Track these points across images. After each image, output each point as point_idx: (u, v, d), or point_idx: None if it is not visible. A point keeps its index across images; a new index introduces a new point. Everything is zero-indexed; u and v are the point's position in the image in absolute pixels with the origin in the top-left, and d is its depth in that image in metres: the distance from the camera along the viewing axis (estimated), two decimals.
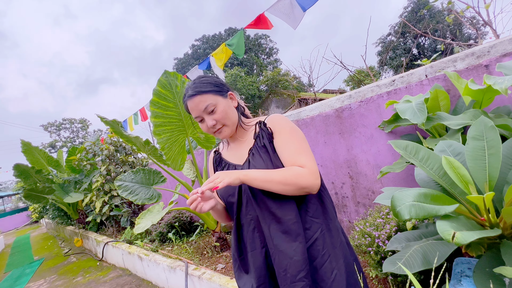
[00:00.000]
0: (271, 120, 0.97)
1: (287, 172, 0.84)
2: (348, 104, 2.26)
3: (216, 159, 1.11)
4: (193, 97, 0.93)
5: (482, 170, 0.92)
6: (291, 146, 0.91)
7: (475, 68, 1.67)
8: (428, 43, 22.80)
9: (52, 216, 7.86)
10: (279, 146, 0.92)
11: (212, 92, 0.94)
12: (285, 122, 0.96)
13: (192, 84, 0.96)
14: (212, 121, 0.94)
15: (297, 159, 0.88)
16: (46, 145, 32.01)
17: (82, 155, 5.70)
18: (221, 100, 0.95)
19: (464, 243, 0.67)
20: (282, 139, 0.93)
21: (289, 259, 0.84)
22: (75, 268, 4.65)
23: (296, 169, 0.85)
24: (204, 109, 0.92)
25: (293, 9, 2.56)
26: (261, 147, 0.95)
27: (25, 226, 15.54)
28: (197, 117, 0.95)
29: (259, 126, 0.98)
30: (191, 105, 0.94)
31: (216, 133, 0.97)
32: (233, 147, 1.07)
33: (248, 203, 0.94)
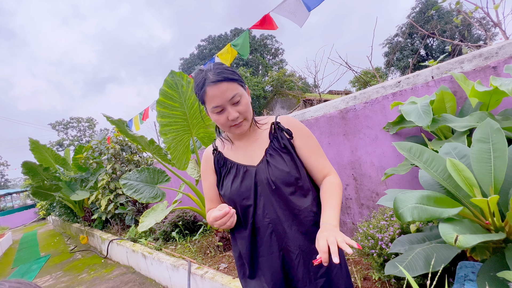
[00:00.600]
0: (288, 122, 0.96)
1: (339, 191, 0.87)
2: (353, 105, 2.25)
3: (218, 159, 1.01)
4: (219, 83, 0.82)
5: (487, 173, 0.91)
6: (316, 151, 0.93)
7: (482, 70, 1.65)
8: (436, 44, 22.54)
9: (59, 213, 7.99)
10: (303, 150, 0.93)
11: (238, 81, 0.87)
12: (303, 126, 0.97)
13: (214, 69, 0.85)
14: (235, 113, 0.85)
15: (325, 165, 0.93)
16: (53, 143, 32.54)
17: (89, 153, 5.78)
18: (244, 92, 0.89)
19: (467, 246, 0.66)
20: (306, 143, 0.93)
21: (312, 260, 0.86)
22: (81, 265, 4.71)
23: (337, 183, 0.89)
24: (230, 98, 0.83)
25: (299, 8, 2.56)
26: (281, 148, 0.92)
27: (32, 222, 15.81)
28: (218, 106, 0.84)
29: (276, 126, 0.95)
30: (214, 92, 0.82)
31: (235, 127, 0.89)
32: (241, 146, 0.99)
33: (266, 205, 0.90)
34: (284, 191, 0.88)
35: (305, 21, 2.59)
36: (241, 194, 0.92)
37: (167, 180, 3.28)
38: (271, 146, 0.93)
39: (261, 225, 0.90)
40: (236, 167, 0.96)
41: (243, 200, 0.92)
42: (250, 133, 0.98)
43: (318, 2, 2.45)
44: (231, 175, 0.96)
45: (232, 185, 0.94)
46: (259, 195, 0.90)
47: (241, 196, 0.92)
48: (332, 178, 0.92)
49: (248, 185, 0.91)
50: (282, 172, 0.88)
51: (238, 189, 0.92)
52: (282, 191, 0.88)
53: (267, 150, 0.93)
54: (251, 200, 0.91)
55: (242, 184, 0.92)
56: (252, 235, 0.93)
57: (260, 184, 0.91)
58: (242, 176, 0.93)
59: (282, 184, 0.88)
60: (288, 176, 0.88)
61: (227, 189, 0.95)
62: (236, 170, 0.95)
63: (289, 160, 0.90)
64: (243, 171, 0.94)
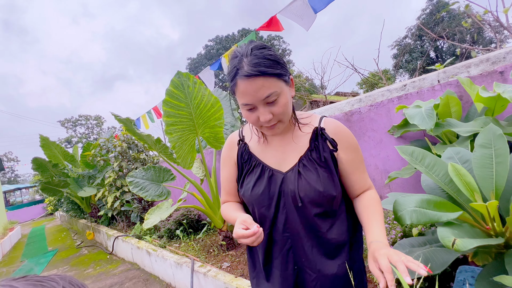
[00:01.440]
0: (337, 131, 0.81)
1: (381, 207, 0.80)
2: (358, 107, 2.25)
3: (243, 152, 0.88)
4: (253, 79, 0.67)
5: (489, 178, 0.91)
6: (359, 167, 0.83)
7: (489, 75, 1.64)
8: (447, 46, 22.21)
9: (66, 209, 8.15)
10: (347, 165, 0.81)
11: (278, 76, 0.69)
12: (351, 135, 0.83)
13: (251, 57, 0.68)
14: (268, 114, 0.71)
15: (366, 181, 0.84)
16: (62, 140, 33.16)
17: (96, 151, 5.89)
18: (285, 88, 0.72)
19: (464, 250, 0.67)
20: (351, 158, 0.81)
21: (331, 284, 0.79)
22: (87, 260, 4.80)
23: (377, 198, 0.82)
24: (265, 98, 0.69)
25: (305, 10, 2.57)
26: (319, 160, 0.78)
27: (40, 217, 16.13)
28: (248, 104, 0.71)
29: (320, 132, 0.81)
30: (245, 87, 0.68)
31: (267, 128, 0.76)
32: (272, 144, 0.85)
33: (288, 220, 0.80)
34: (310, 210, 0.78)
35: (311, 24, 2.60)
36: (261, 202, 0.82)
37: (172, 179, 3.33)
38: (308, 155, 0.80)
39: (279, 238, 0.82)
40: (261, 168, 0.84)
41: (262, 208, 0.82)
42: (287, 131, 0.84)
43: (325, 4, 2.46)
44: (253, 176, 0.84)
45: (253, 188, 0.83)
46: (282, 207, 0.80)
47: (261, 204, 0.82)
48: (373, 193, 0.83)
49: (271, 193, 0.81)
50: (313, 190, 0.76)
51: (259, 196, 0.81)
52: (309, 211, 0.78)
53: (302, 158, 0.80)
54: (272, 210, 0.81)
55: (264, 191, 0.81)
56: (268, 245, 0.85)
57: (285, 195, 0.80)
58: (267, 181, 0.82)
59: (310, 203, 0.77)
60: (320, 196, 0.76)
61: (247, 191, 0.84)
62: (260, 171, 0.84)
63: (325, 177, 0.77)
64: (269, 175, 0.82)
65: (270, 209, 0.81)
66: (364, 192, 0.84)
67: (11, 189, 19.40)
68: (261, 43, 0.72)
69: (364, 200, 0.82)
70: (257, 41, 0.73)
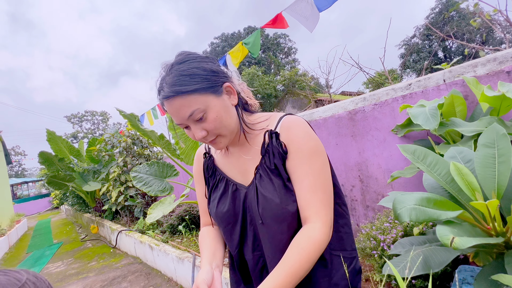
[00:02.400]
0: (287, 132, 0.70)
1: (306, 255, 0.62)
2: (362, 106, 2.24)
3: (208, 165, 0.84)
4: (171, 100, 0.63)
5: (491, 178, 0.90)
6: (306, 178, 0.67)
7: (496, 74, 1.61)
8: (456, 46, 21.89)
9: (72, 203, 8.28)
10: (292, 174, 0.69)
11: (200, 90, 0.63)
12: (305, 138, 0.69)
13: (168, 74, 0.65)
14: (201, 131, 0.67)
15: (310, 202, 0.66)
16: (68, 135, 33.62)
17: (102, 146, 5.95)
18: (213, 100, 0.65)
19: (462, 248, 0.67)
20: (297, 165, 0.68)
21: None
22: (91, 253, 4.88)
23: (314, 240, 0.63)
24: (188, 117, 0.64)
25: (310, 10, 2.56)
26: (271, 169, 0.70)
27: (46, 211, 16.40)
28: (179, 124, 0.68)
29: (269, 136, 0.71)
30: (168, 109, 0.66)
31: (210, 143, 0.71)
32: (234, 155, 0.79)
33: (256, 237, 0.74)
34: (275, 228, 0.69)
35: (315, 25, 2.60)
36: (227, 219, 0.76)
37: (175, 175, 3.36)
38: (262, 163, 0.72)
39: (250, 257, 0.76)
40: (225, 182, 0.78)
41: (229, 226, 0.76)
42: (244, 138, 0.76)
43: (330, 3, 2.45)
44: (218, 191, 0.79)
45: (218, 205, 0.78)
46: (249, 224, 0.74)
47: (227, 221, 0.76)
48: (310, 230, 0.64)
49: (236, 210, 0.75)
50: (270, 203, 0.68)
51: (224, 213, 0.76)
52: (273, 227, 0.70)
53: (258, 168, 0.73)
54: (238, 228, 0.75)
55: (229, 208, 0.75)
56: (241, 265, 0.80)
57: (250, 211, 0.74)
58: (231, 197, 0.76)
59: (271, 219, 0.69)
60: (278, 209, 0.68)
61: (212, 209, 0.79)
62: (225, 186, 0.78)
63: (280, 186, 0.69)
64: (232, 189, 0.77)
65: (235, 227, 0.75)
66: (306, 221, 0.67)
67: (18, 182, 19.74)
68: (184, 56, 0.67)
69: (293, 241, 0.66)
70: (182, 53, 0.68)
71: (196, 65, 0.65)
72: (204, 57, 0.69)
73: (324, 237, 0.65)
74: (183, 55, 0.68)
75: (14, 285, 0.38)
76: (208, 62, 0.68)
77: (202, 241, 0.84)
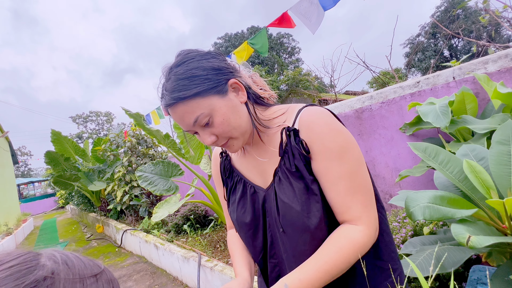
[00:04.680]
0: (308, 129, 0.61)
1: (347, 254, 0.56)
2: (369, 105, 2.21)
3: (225, 165, 0.79)
4: (173, 107, 0.59)
5: (506, 175, 0.88)
6: (341, 181, 0.58)
7: (508, 71, 1.58)
8: (462, 45, 21.64)
9: (77, 202, 8.34)
10: (322, 177, 0.61)
11: (202, 93, 0.58)
12: (331, 134, 0.59)
13: (168, 80, 0.60)
14: (210, 137, 0.62)
15: (350, 206, 0.58)
16: (73, 136, 33.96)
17: (107, 146, 5.99)
18: (218, 102, 0.60)
19: (479, 247, 0.65)
20: (327, 167, 0.59)
21: None
22: (96, 253, 4.91)
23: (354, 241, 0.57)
24: (193, 124, 0.60)
25: (315, 10, 2.54)
26: (292, 171, 0.63)
27: (52, 210, 16.57)
28: (187, 131, 0.64)
29: (287, 135, 0.63)
30: (173, 117, 0.62)
31: (223, 147, 0.67)
32: (251, 154, 0.73)
33: (274, 244, 0.69)
34: (296, 238, 0.63)
35: (318, 26, 2.58)
36: (248, 224, 0.71)
37: (180, 174, 3.36)
38: (282, 165, 0.65)
39: (268, 265, 0.71)
40: (243, 184, 0.73)
41: (250, 231, 0.71)
42: (262, 135, 0.70)
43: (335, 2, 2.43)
44: (237, 193, 0.74)
45: (237, 209, 0.73)
46: (268, 229, 0.69)
47: (248, 226, 0.71)
48: (350, 231, 0.58)
49: (256, 213, 0.70)
50: (290, 211, 0.62)
51: (244, 217, 0.71)
52: (291, 237, 0.63)
53: (277, 170, 0.66)
54: (260, 234, 0.70)
55: (248, 211, 0.71)
56: (263, 272, 0.75)
57: (269, 216, 0.68)
58: (250, 199, 0.71)
59: (293, 229, 0.62)
60: (299, 218, 0.61)
61: (233, 212, 0.75)
62: (243, 188, 0.73)
63: (301, 191, 0.61)
64: (251, 192, 0.71)
65: (258, 232, 0.70)
66: (344, 223, 0.60)
67: (25, 182, 19.98)
68: (181, 58, 0.62)
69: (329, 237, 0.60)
70: (180, 54, 0.63)
71: (195, 65, 0.60)
72: (205, 53, 0.63)
73: (367, 240, 0.57)
74: (181, 55, 0.63)
75: (97, 267, 0.38)
76: (209, 59, 0.61)
77: (232, 244, 0.81)
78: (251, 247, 0.73)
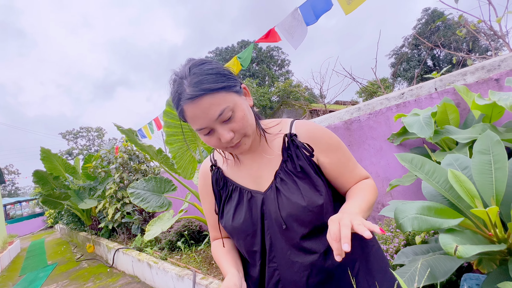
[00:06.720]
0: (311, 134, 0.73)
1: (372, 190, 0.72)
2: (357, 116, 2.27)
3: (217, 178, 0.80)
4: (198, 100, 0.59)
5: (489, 184, 0.92)
6: (349, 163, 0.75)
7: (485, 82, 1.66)
8: (444, 54, 22.52)
9: (67, 221, 8.09)
10: (332, 168, 0.73)
11: (227, 88, 0.62)
12: (327, 134, 0.74)
13: (190, 76, 0.61)
14: (229, 133, 0.63)
15: (360, 173, 0.77)
16: (63, 152, 33.24)
17: (98, 162, 5.90)
18: (238, 99, 0.64)
19: (467, 257, 0.67)
20: (334, 159, 0.73)
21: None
22: (86, 274, 4.73)
23: (371, 184, 0.75)
24: (217, 117, 0.61)
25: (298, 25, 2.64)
26: (296, 171, 0.70)
27: (40, 230, 15.98)
28: (203, 128, 0.63)
29: (289, 139, 0.72)
30: (193, 111, 0.61)
31: (232, 148, 0.68)
32: (245, 162, 0.77)
33: (273, 247, 0.71)
34: (297, 233, 0.68)
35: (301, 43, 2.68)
36: (245, 230, 0.72)
37: (173, 189, 3.32)
38: (284, 167, 0.71)
39: (267, 271, 0.72)
40: (239, 192, 0.75)
41: (248, 237, 0.73)
42: (256, 144, 0.76)
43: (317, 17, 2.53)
44: (232, 202, 0.76)
45: (234, 217, 0.74)
46: (266, 232, 0.71)
47: (245, 232, 0.72)
48: (368, 180, 0.77)
49: (254, 218, 0.72)
50: (296, 207, 0.67)
51: (241, 224, 0.72)
52: (295, 233, 0.68)
53: (278, 172, 0.71)
54: (259, 238, 0.71)
55: (246, 217, 0.72)
56: (260, 279, 0.75)
57: (267, 218, 0.71)
58: (247, 205, 0.73)
59: (295, 222, 0.68)
60: (304, 212, 0.67)
61: (227, 221, 0.75)
62: (239, 196, 0.75)
63: (306, 189, 0.68)
64: (247, 197, 0.74)
65: (256, 237, 0.71)
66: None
67: (12, 202, 19.30)
68: (200, 59, 0.66)
69: (354, 186, 0.75)
70: (195, 59, 0.67)
71: (216, 65, 0.65)
72: (216, 61, 0.70)
73: (375, 186, 0.76)
74: (197, 59, 0.67)
75: None
76: (220, 64, 0.69)
77: (217, 251, 0.81)
78: (250, 253, 0.74)
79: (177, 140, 2.76)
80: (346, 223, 0.52)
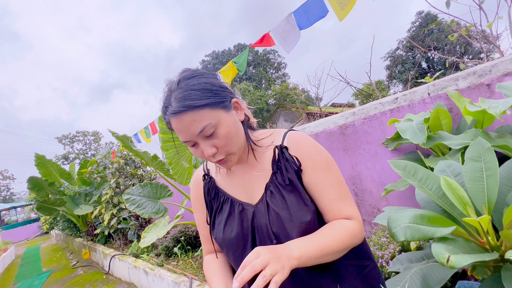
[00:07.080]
0: (297, 146, 0.71)
1: (342, 235, 0.64)
2: (352, 121, 2.28)
3: (209, 188, 0.80)
4: (181, 115, 0.61)
5: (480, 191, 0.92)
6: (332, 189, 0.69)
7: (477, 87, 1.68)
8: (438, 57, 22.78)
9: (62, 227, 7.99)
10: (313, 188, 0.69)
11: (211, 105, 0.62)
12: (317, 151, 0.71)
13: (176, 89, 0.63)
14: (211, 148, 0.64)
15: (342, 208, 0.68)
16: (59, 157, 32.98)
17: (93, 167, 5.85)
18: (224, 116, 0.64)
19: (459, 267, 0.68)
20: (318, 179, 0.69)
21: None
22: (82, 281, 4.67)
23: (348, 227, 0.66)
24: (199, 133, 0.62)
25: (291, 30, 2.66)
26: (285, 184, 0.69)
27: (35, 237, 15.77)
28: (186, 141, 0.65)
29: (280, 151, 0.71)
30: (177, 125, 0.63)
31: (218, 163, 0.69)
32: (238, 173, 0.77)
33: None
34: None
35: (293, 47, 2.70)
36: (236, 243, 0.71)
37: (169, 195, 3.30)
38: (274, 180, 0.70)
39: None
40: (230, 203, 0.75)
41: (238, 251, 0.72)
42: (249, 156, 0.76)
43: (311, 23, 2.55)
44: (223, 214, 0.75)
45: (224, 229, 0.73)
46: (258, 245, 0.70)
47: (236, 246, 0.72)
48: (345, 221, 0.67)
49: (244, 231, 0.71)
50: (283, 221, 0.67)
51: (232, 237, 0.71)
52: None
53: (268, 185, 0.71)
54: (249, 252, 0.67)
55: (237, 230, 0.72)
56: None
57: (259, 231, 0.70)
58: (238, 217, 0.73)
59: (285, 238, 0.66)
60: (291, 226, 0.66)
61: (218, 233, 0.74)
62: (230, 208, 0.75)
63: (293, 202, 0.67)
64: (239, 210, 0.73)
65: (246, 250, 0.70)
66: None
67: (6, 208, 19.05)
68: (191, 72, 0.66)
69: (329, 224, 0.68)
70: (188, 70, 0.68)
71: (205, 80, 0.65)
72: (210, 73, 0.69)
73: (358, 231, 0.67)
74: (189, 71, 0.67)
75: None
76: (216, 78, 0.68)
77: (209, 269, 0.79)
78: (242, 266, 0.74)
79: (172, 146, 2.75)
80: (255, 264, 0.50)
